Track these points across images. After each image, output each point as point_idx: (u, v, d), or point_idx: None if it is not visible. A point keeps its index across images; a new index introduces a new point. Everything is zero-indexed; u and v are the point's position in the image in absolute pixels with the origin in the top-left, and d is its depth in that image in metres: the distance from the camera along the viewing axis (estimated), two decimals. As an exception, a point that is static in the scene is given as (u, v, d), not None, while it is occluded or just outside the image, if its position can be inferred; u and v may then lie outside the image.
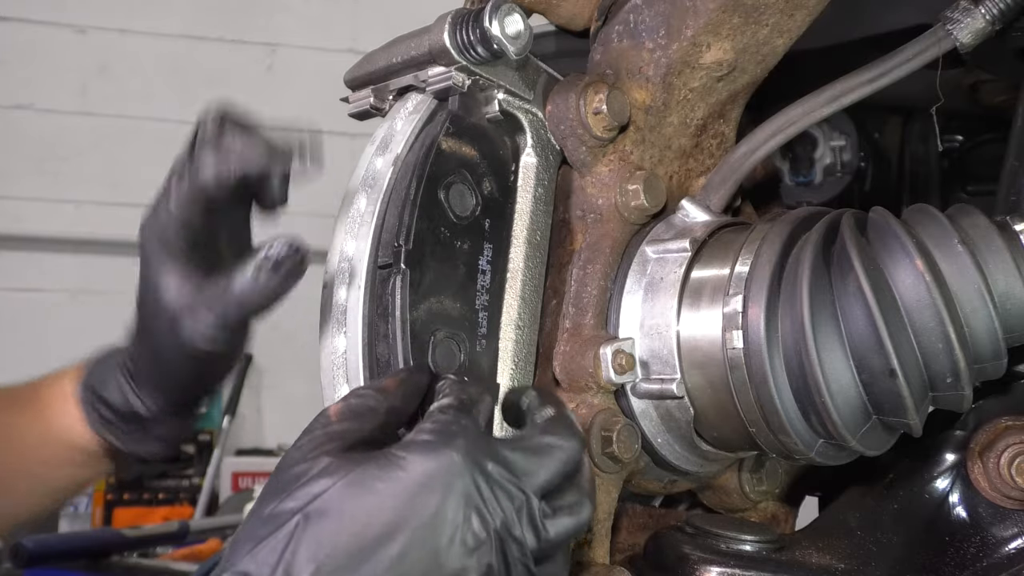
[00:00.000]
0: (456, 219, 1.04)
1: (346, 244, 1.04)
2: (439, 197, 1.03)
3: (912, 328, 0.95)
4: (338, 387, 1.02)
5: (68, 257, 5.39)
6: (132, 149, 5.43)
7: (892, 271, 0.96)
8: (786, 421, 1.00)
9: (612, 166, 1.14)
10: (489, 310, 1.06)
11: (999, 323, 0.97)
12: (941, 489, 1.11)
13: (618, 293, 1.13)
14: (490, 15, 1.02)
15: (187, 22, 5.57)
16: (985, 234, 0.99)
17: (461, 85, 1.06)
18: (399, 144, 1.05)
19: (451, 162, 1.04)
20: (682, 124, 1.19)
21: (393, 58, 1.10)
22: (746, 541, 1.09)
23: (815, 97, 1.15)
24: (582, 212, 1.15)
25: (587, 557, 1.07)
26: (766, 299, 1.00)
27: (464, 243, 1.05)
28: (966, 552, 1.08)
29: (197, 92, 5.49)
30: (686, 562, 1.07)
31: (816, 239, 1.01)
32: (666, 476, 1.19)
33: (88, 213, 5.37)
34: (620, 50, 1.17)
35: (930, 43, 1.11)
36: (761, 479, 1.28)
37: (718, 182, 1.18)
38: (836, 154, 1.75)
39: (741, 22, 1.12)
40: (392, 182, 1.03)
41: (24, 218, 5.33)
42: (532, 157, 1.12)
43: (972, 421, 1.10)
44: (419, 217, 1.00)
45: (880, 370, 0.95)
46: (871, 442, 1.01)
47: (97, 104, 5.45)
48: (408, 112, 1.08)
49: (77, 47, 5.44)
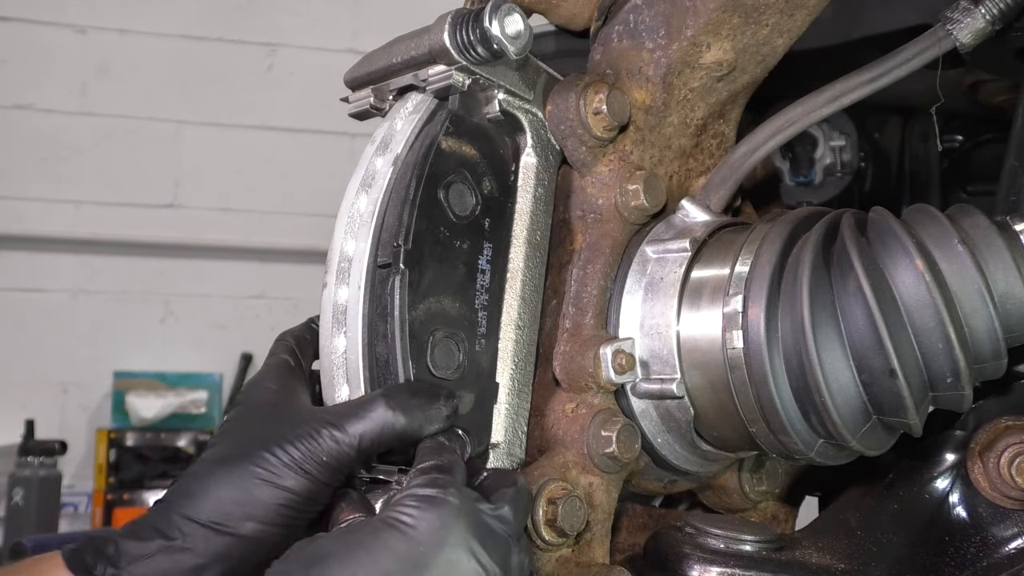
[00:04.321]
0: (456, 219, 1.04)
1: (346, 244, 1.04)
2: (439, 197, 1.03)
3: (912, 328, 0.95)
4: (338, 387, 1.02)
5: (68, 257, 5.39)
6: (132, 149, 5.43)
7: (892, 271, 0.96)
8: (786, 421, 1.00)
9: (612, 166, 1.14)
10: (489, 310, 1.06)
11: (999, 323, 0.97)
12: (941, 489, 1.11)
13: (618, 293, 1.13)
14: (490, 15, 1.02)
15: (187, 22, 5.57)
16: (985, 234, 0.99)
17: (461, 85, 1.06)
18: (399, 144, 1.05)
19: (451, 162, 1.04)
20: (682, 124, 1.19)
21: (393, 58, 1.10)
22: (746, 541, 1.09)
23: (815, 97, 1.15)
24: (582, 212, 1.15)
25: (587, 557, 1.07)
26: (766, 299, 1.00)
27: (464, 243, 1.05)
28: (966, 552, 1.08)
29: (197, 92, 5.50)
30: (686, 562, 1.07)
31: (816, 239, 1.01)
32: (666, 476, 1.19)
33: (88, 213, 5.37)
34: (620, 50, 1.17)
35: (930, 43, 1.11)
36: (761, 479, 1.28)
37: (718, 182, 1.18)
38: (836, 154, 1.75)
39: (741, 22, 1.12)
40: (392, 182, 1.03)
41: (24, 218, 5.33)
42: (532, 157, 1.12)
43: (972, 421, 1.10)
44: (418, 217, 1.00)
45: (880, 370, 0.95)
46: (871, 442, 1.01)
47: (97, 104, 5.46)
48: (408, 112, 1.08)
49: (77, 47, 5.44)
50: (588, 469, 1.07)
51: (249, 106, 5.57)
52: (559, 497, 1.03)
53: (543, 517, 1.02)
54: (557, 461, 1.06)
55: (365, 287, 1.01)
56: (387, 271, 1.00)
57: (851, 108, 1.19)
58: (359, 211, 1.04)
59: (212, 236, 5.49)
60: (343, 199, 1.06)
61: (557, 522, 1.03)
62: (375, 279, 1.01)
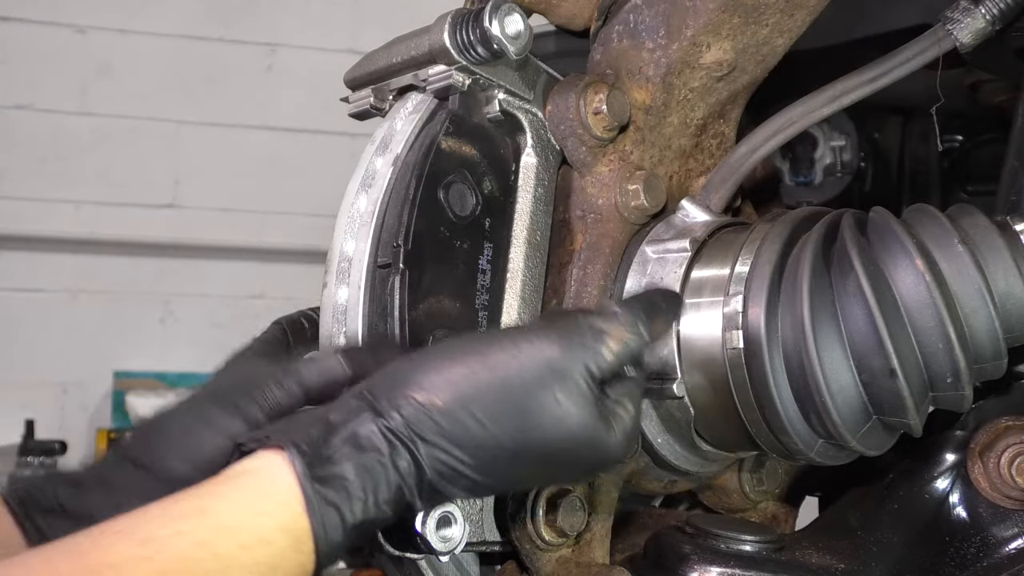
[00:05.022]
0: (456, 219, 1.04)
1: (346, 244, 1.04)
2: (439, 197, 1.03)
3: (912, 328, 0.95)
4: (338, 386, 1.02)
5: (68, 257, 5.38)
6: (132, 149, 5.43)
7: (892, 271, 0.96)
8: (786, 421, 1.00)
9: (612, 166, 1.14)
10: (489, 310, 1.06)
11: (999, 323, 0.97)
12: (941, 489, 1.11)
13: (618, 293, 1.13)
14: (490, 15, 1.02)
15: (187, 22, 5.57)
16: (985, 234, 0.99)
17: (461, 85, 1.06)
18: (399, 144, 1.05)
19: (451, 161, 1.04)
20: (682, 124, 1.19)
21: (393, 58, 1.10)
22: (746, 541, 1.09)
23: (815, 97, 1.15)
24: (582, 212, 1.15)
25: (587, 557, 1.07)
26: (766, 299, 1.00)
27: (464, 242, 1.05)
28: (966, 552, 1.08)
29: (197, 92, 5.49)
30: (686, 562, 1.07)
31: (816, 239, 1.01)
32: (666, 476, 1.19)
33: (88, 213, 5.37)
34: (620, 50, 1.17)
35: (930, 43, 1.11)
36: (761, 479, 1.28)
37: (718, 182, 1.18)
38: (836, 154, 1.75)
39: (741, 22, 1.12)
40: (392, 182, 1.03)
41: (24, 218, 5.32)
42: (532, 157, 1.12)
43: (972, 421, 1.10)
44: (418, 217, 1.00)
45: (880, 370, 0.95)
46: (871, 442, 1.01)
47: (97, 104, 5.45)
48: (408, 112, 1.08)
49: (77, 47, 5.44)
50: (588, 469, 1.07)
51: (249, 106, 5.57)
52: (559, 497, 1.03)
53: (543, 517, 1.02)
54: (557, 461, 1.06)
55: (365, 287, 1.01)
56: (387, 271, 1.00)
57: (851, 108, 1.19)
58: (359, 211, 1.04)
59: (212, 236, 5.48)
60: (343, 199, 1.06)
61: (557, 522, 1.03)
62: (375, 279, 1.01)
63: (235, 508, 0.76)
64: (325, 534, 0.76)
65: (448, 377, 0.82)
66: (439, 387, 0.81)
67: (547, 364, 0.83)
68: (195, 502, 0.76)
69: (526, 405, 0.82)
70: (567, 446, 0.83)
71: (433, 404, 0.80)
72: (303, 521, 0.76)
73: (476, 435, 0.81)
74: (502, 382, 0.82)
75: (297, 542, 0.76)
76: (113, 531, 0.74)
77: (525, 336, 0.85)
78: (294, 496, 0.76)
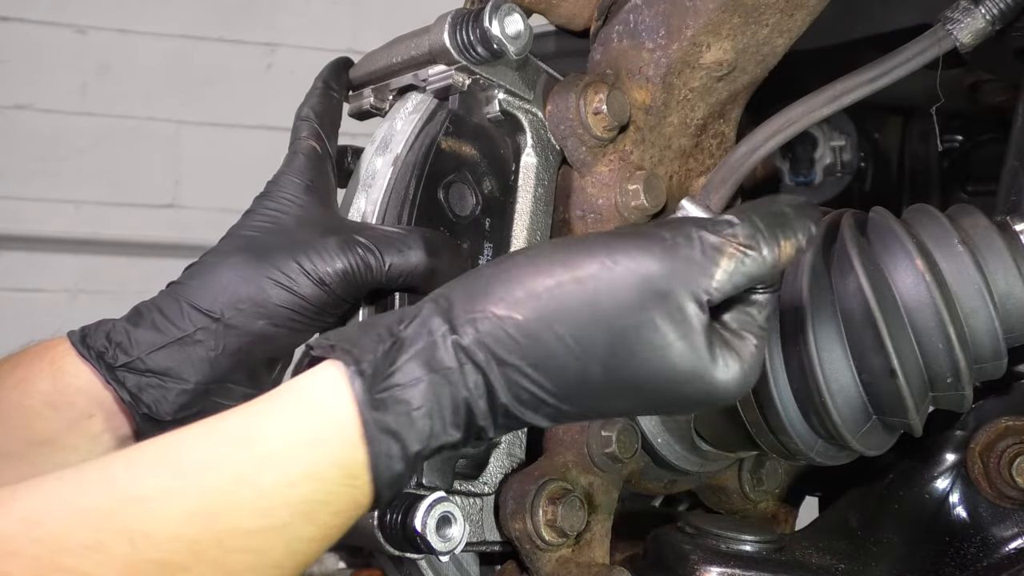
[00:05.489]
0: (456, 218, 1.04)
1: (346, 244, 1.03)
2: (439, 197, 1.03)
3: (912, 328, 0.95)
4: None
5: (68, 257, 5.38)
6: (132, 149, 5.43)
7: (892, 271, 0.96)
8: (786, 421, 1.00)
9: (612, 166, 1.14)
10: (489, 310, 1.06)
11: (999, 323, 0.97)
12: (941, 489, 1.11)
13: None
14: (490, 15, 1.02)
15: (187, 22, 5.56)
16: (985, 234, 0.99)
17: (461, 85, 1.06)
18: (399, 144, 1.05)
19: (451, 161, 1.04)
20: (682, 124, 1.19)
21: (393, 58, 1.10)
22: (746, 541, 1.09)
23: (815, 97, 1.15)
24: (582, 212, 1.15)
25: (587, 557, 1.07)
26: (766, 299, 1.00)
27: (464, 242, 1.05)
28: (966, 552, 1.08)
29: (197, 92, 5.49)
30: (686, 562, 1.07)
31: (816, 239, 1.01)
32: (666, 476, 1.19)
33: (88, 213, 5.36)
34: (620, 50, 1.17)
35: (930, 43, 1.11)
36: (761, 479, 1.28)
37: (718, 182, 1.18)
38: (836, 154, 1.75)
39: (741, 22, 1.12)
40: (392, 182, 1.03)
41: (24, 218, 5.32)
42: (532, 157, 1.12)
43: (972, 421, 1.10)
44: (418, 217, 1.00)
45: (880, 370, 0.95)
46: (871, 442, 1.01)
47: (97, 104, 5.45)
48: (408, 112, 1.08)
49: (77, 47, 5.43)
50: (588, 469, 1.07)
51: (249, 106, 5.57)
52: (559, 497, 1.03)
53: (543, 517, 1.02)
54: (557, 461, 1.06)
55: (365, 287, 1.01)
56: (387, 271, 1.00)
57: (851, 108, 1.18)
58: (359, 211, 1.04)
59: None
60: (343, 199, 1.06)
61: (557, 522, 1.03)
62: (375, 279, 1.01)
63: (284, 435, 0.68)
64: (384, 465, 0.69)
65: (531, 289, 0.72)
66: (520, 301, 0.71)
67: (647, 282, 0.71)
68: (241, 425, 0.69)
69: (620, 329, 0.71)
70: (667, 380, 0.72)
71: (513, 319, 0.71)
72: (359, 452, 0.68)
73: (560, 358, 0.71)
74: (592, 299, 0.71)
75: (351, 476, 0.69)
76: (151, 455, 0.68)
77: (623, 246, 0.72)
78: (352, 421, 0.69)
